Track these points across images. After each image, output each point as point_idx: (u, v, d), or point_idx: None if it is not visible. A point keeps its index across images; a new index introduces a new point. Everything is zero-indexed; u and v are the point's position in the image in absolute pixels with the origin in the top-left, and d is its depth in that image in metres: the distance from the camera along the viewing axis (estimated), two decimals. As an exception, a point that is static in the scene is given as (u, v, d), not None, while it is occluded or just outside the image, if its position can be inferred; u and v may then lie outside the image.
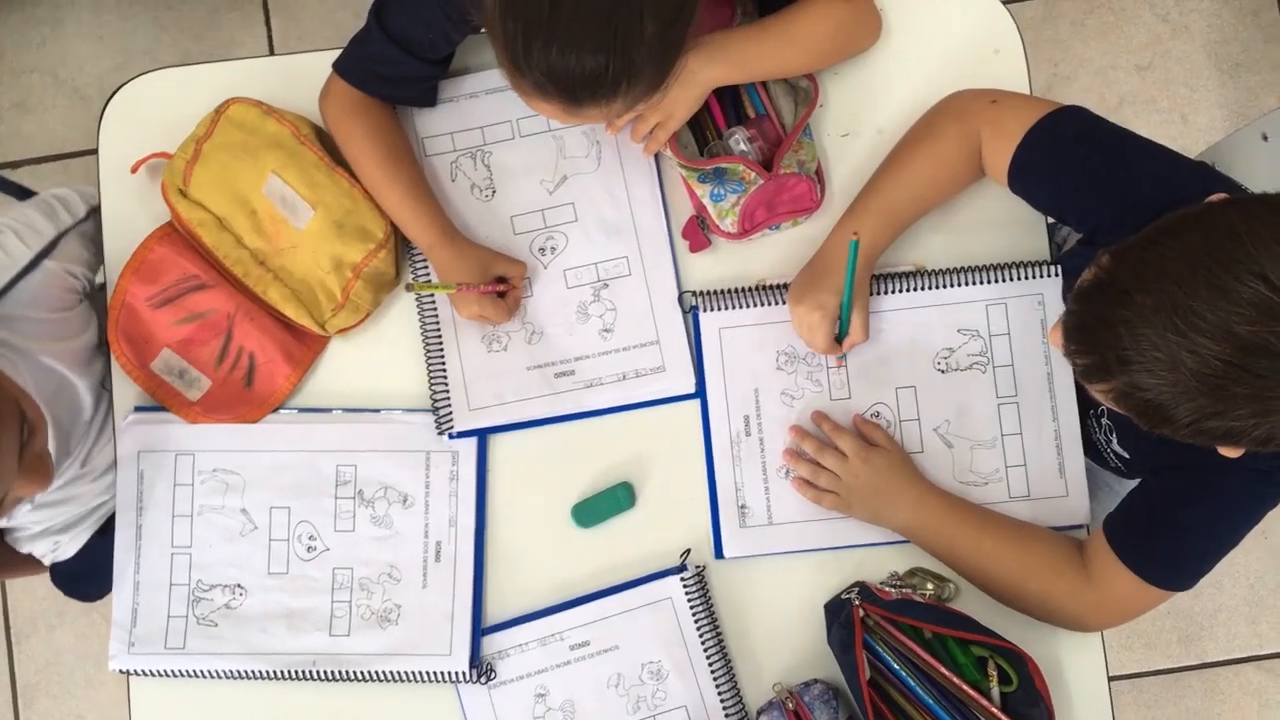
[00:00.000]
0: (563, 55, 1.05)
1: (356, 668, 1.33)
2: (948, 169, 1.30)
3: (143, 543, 1.37)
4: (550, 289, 1.38)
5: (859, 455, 1.31)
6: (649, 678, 1.33)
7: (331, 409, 1.38)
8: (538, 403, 1.36)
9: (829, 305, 1.28)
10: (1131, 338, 0.94)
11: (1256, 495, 1.16)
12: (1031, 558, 1.28)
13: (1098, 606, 1.26)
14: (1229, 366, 0.90)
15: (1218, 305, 0.90)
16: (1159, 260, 0.94)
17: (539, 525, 1.37)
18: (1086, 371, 1.00)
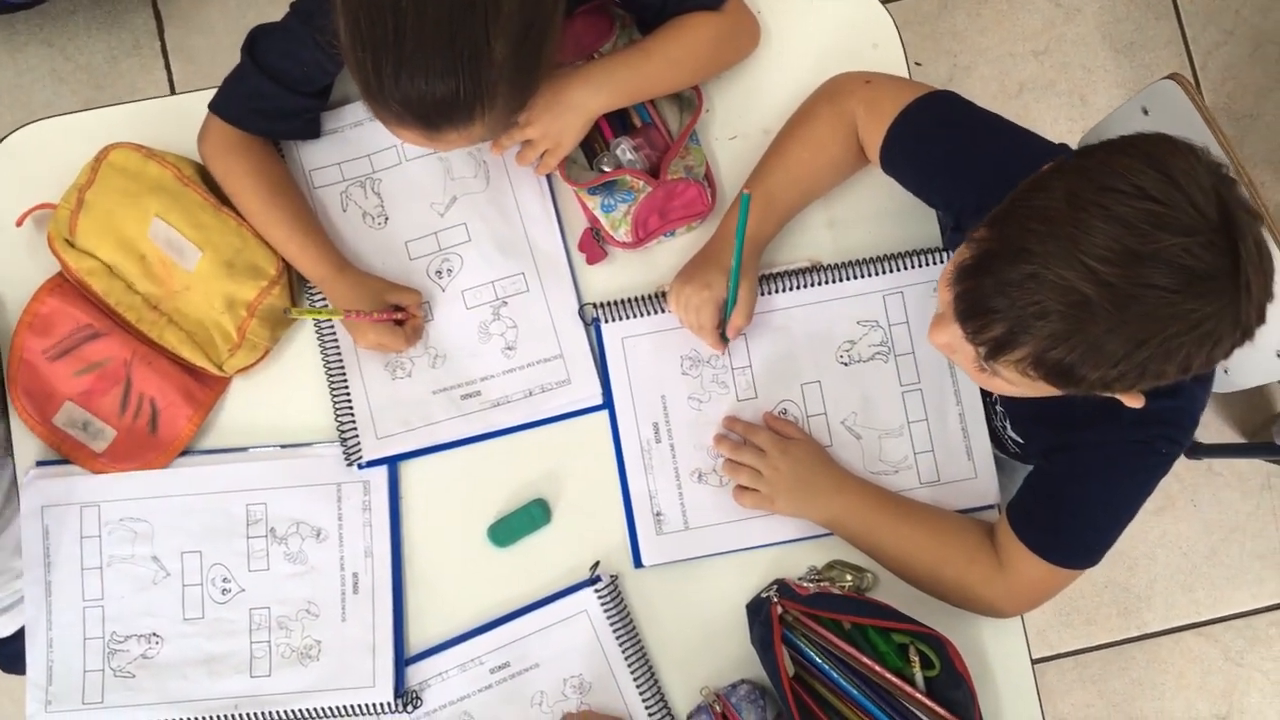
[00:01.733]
0: (413, 82, 1.05)
1: (280, 707, 1.31)
2: (825, 151, 1.31)
3: (53, 599, 1.34)
4: (450, 311, 1.38)
5: (777, 449, 1.31)
6: (572, 692, 1.32)
7: (238, 448, 1.36)
8: (446, 426, 1.36)
9: (715, 284, 1.29)
10: (1039, 286, 0.93)
11: (1142, 466, 1.18)
12: (946, 545, 1.29)
13: (1009, 592, 1.27)
14: (1136, 287, 0.90)
15: (1113, 231, 0.90)
16: (1042, 210, 0.94)
17: (456, 549, 1.36)
18: (996, 346, 0.98)
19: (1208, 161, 0.94)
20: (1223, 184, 0.92)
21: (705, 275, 1.30)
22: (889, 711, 1.27)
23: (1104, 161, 0.94)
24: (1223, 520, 2.30)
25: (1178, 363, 0.94)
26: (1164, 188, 0.90)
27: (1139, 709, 2.26)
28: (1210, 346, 0.93)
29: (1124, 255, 0.90)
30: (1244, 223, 0.90)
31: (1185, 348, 0.92)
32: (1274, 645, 2.27)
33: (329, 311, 1.31)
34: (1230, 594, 2.29)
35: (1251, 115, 2.39)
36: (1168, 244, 0.89)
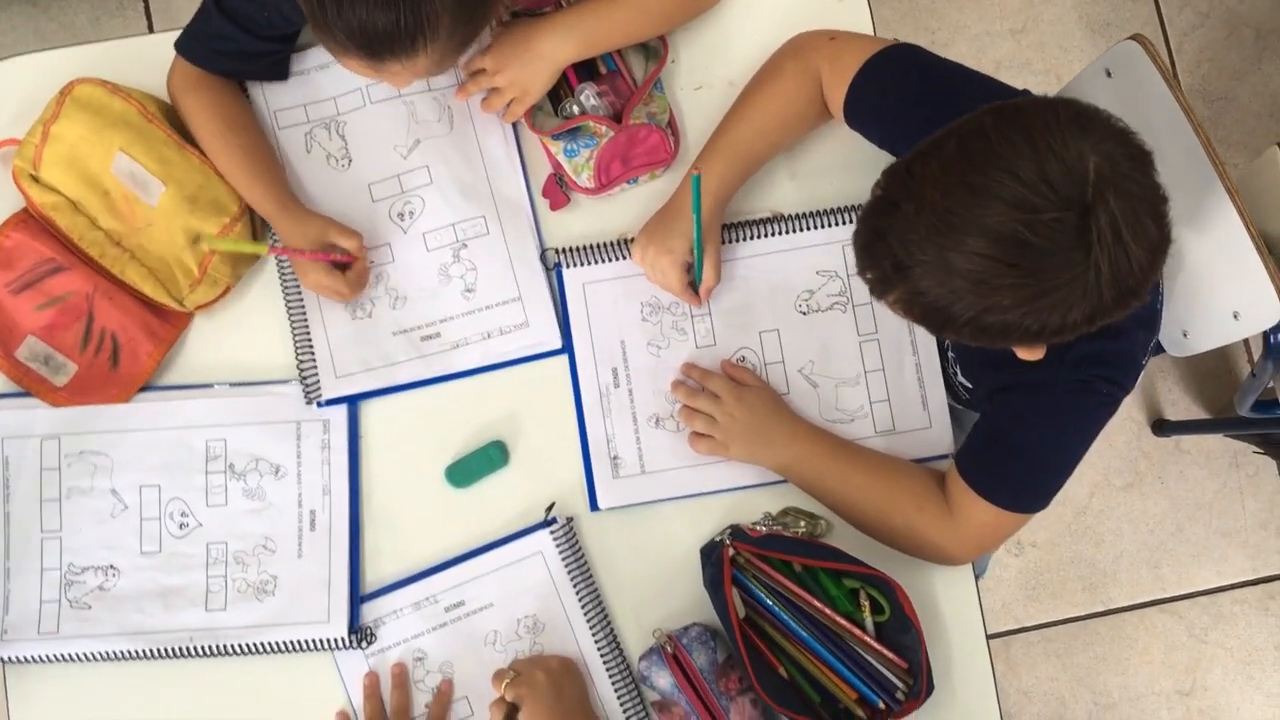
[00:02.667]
0: (354, 11, 1.07)
1: (235, 640, 1.32)
2: (790, 106, 1.32)
3: (11, 529, 1.35)
4: (411, 253, 1.39)
5: (732, 395, 1.33)
6: (525, 632, 1.33)
7: (198, 384, 1.37)
8: (405, 366, 1.37)
9: (677, 249, 1.30)
10: (902, 245, 0.98)
11: (1082, 406, 1.19)
12: (897, 492, 1.30)
13: (959, 537, 1.28)
14: (989, 261, 0.94)
15: (972, 204, 0.93)
16: (921, 170, 0.98)
17: (414, 489, 1.37)
18: (873, 286, 1.04)
19: (1103, 132, 0.95)
20: (1107, 160, 0.92)
21: (667, 240, 1.32)
22: (837, 654, 1.28)
23: (987, 129, 0.96)
24: (1189, 498, 2.32)
25: (1028, 327, 0.98)
26: (1028, 164, 0.92)
27: (1103, 683, 2.27)
28: (1062, 313, 0.96)
29: (977, 227, 0.93)
30: (1108, 204, 0.92)
31: (1031, 315, 0.96)
32: (1238, 623, 2.29)
33: (248, 245, 1.31)
34: (1196, 571, 2.31)
35: (1225, 98, 2.41)
36: (1018, 220, 0.92)
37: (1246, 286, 1.42)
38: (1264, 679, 2.28)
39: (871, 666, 1.28)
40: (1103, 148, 0.93)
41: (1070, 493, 2.25)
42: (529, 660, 1.28)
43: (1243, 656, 2.28)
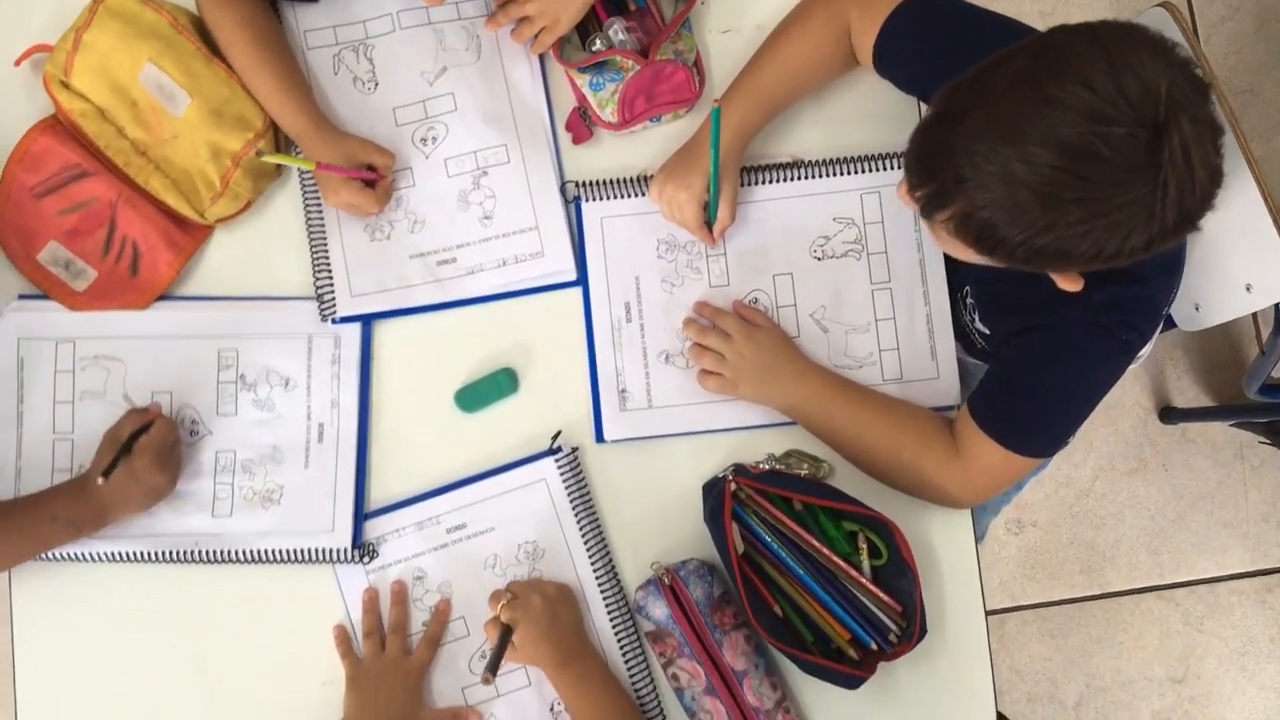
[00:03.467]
0: None
1: (240, 546, 1.33)
2: (817, 50, 1.33)
3: (24, 430, 1.36)
4: (431, 179, 1.40)
5: (742, 334, 1.33)
6: (525, 558, 1.34)
7: (214, 296, 1.38)
8: (420, 290, 1.38)
9: (695, 185, 1.31)
10: (966, 157, 0.97)
11: (1101, 352, 1.19)
12: (904, 432, 1.31)
13: (965, 479, 1.29)
14: (1057, 172, 0.93)
15: (1044, 114, 0.93)
16: (989, 82, 0.98)
17: (422, 410, 1.38)
18: (928, 202, 1.03)
19: (1172, 58, 0.95)
20: (1176, 84, 0.93)
21: (686, 176, 1.32)
22: (833, 594, 1.29)
23: (1061, 44, 0.97)
24: (1193, 487, 2.32)
25: (1084, 251, 0.97)
26: (1105, 78, 0.92)
27: (1095, 665, 2.28)
28: (1122, 236, 0.96)
29: (1047, 138, 0.93)
30: (1180, 125, 0.92)
31: (1095, 234, 0.96)
32: (1234, 613, 2.29)
33: (301, 160, 1.32)
34: (1195, 560, 2.31)
35: (1251, 91, 2.41)
36: (1091, 131, 0.92)
37: (1260, 259, 1.42)
38: (1257, 670, 2.28)
39: (866, 608, 1.29)
40: (1172, 72, 0.93)
41: (1073, 475, 2.26)
42: (527, 584, 1.29)
43: (1237, 647, 2.29)
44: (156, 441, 1.29)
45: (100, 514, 1.29)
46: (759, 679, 1.29)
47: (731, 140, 1.29)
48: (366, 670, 1.30)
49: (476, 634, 1.33)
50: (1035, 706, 2.27)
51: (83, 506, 1.28)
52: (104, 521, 1.30)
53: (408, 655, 1.31)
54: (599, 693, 1.26)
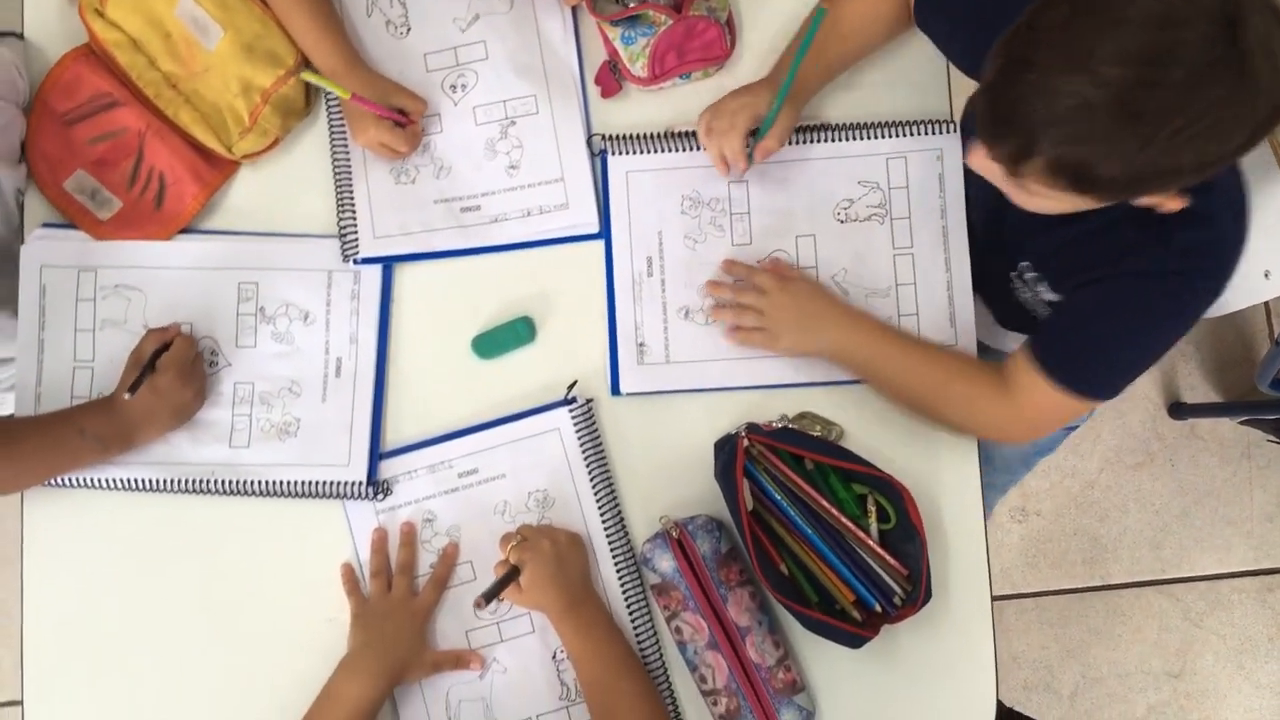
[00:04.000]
0: None
1: (255, 477, 1.34)
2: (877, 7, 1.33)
3: (44, 356, 1.37)
4: (459, 126, 1.40)
5: (777, 286, 1.33)
6: (535, 506, 1.35)
7: (237, 231, 1.39)
8: (443, 235, 1.38)
9: (761, 98, 1.29)
10: (1041, 98, 0.95)
11: (1176, 299, 1.17)
12: (950, 370, 1.31)
13: (1017, 416, 1.27)
14: (1136, 86, 0.91)
15: (1111, 34, 0.91)
16: (1047, 20, 0.96)
17: (439, 355, 1.39)
18: (1012, 158, 1.00)
19: None
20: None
21: (752, 90, 1.31)
22: (840, 554, 1.29)
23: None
24: (1198, 483, 2.32)
25: (1191, 157, 0.95)
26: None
27: (1093, 656, 2.28)
28: (1222, 136, 0.94)
29: (1122, 54, 0.91)
30: (1252, 14, 0.90)
31: (1195, 140, 0.93)
32: (1234, 611, 2.29)
33: (337, 85, 1.32)
34: (1197, 556, 2.31)
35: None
36: (1167, 38, 0.90)
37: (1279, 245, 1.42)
38: (1255, 669, 2.28)
39: (872, 570, 1.29)
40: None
41: (1079, 466, 2.26)
42: (538, 529, 1.30)
43: (1235, 645, 2.29)
44: (178, 357, 1.30)
45: (128, 433, 1.30)
46: (762, 636, 1.29)
47: (795, 85, 1.27)
48: (373, 608, 1.31)
49: (484, 578, 1.34)
50: (1030, 694, 2.27)
51: (110, 424, 1.29)
52: (131, 441, 1.30)
53: (414, 596, 1.32)
54: (602, 641, 1.27)
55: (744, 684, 1.27)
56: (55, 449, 1.28)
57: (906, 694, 1.34)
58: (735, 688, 1.27)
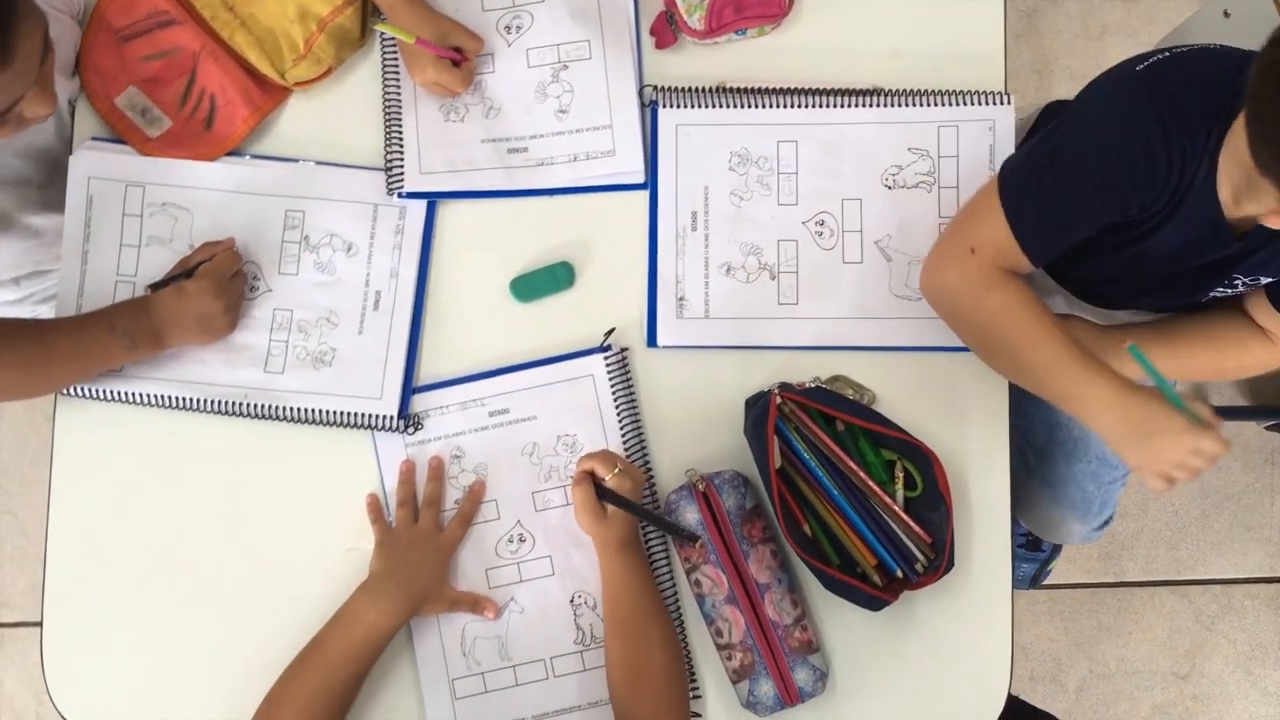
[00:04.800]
0: None
1: (288, 404, 1.35)
2: None
3: (88, 267, 1.38)
4: (511, 67, 1.40)
5: None
6: (564, 450, 1.35)
7: (284, 158, 1.39)
8: (488, 174, 1.38)
9: (1178, 420, 1.14)
10: None
11: None
12: (1215, 342, 1.35)
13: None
14: None
15: None
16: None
17: (477, 294, 1.39)
18: None
19: None
20: None
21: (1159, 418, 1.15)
22: (864, 517, 1.29)
23: None
24: (1220, 486, 2.31)
25: None
26: None
27: (1101, 652, 2.28)
28: None
29: None
30: None
31: None
32: (1246, 616, 2.28)
33: (403, 31, 1.32)
34: (1214, 559, 2.30)
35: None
36: None
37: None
38: (1263, 675, 2.28)
39: (895, 535, 1.29)
40: None
41: (1102, 461, 2.24)
42: (630, 464, 1.30)
43: (1245, 650, 2.28)
44: (216, 268, 1.31)
45: (156, 334, 1.30)
46: (781, 594, 1.29)
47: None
48: (397, 538, 1.31)
49: (507, 517, 1.34)
50: (1036, 685, 2.27)
51: (140, 321, 1.29)
52: (160, 343, 1.31)
53: (439, 531, 1.32)
54: (641, 584, 1.27)
55: (760, 640, 1.27)
56: (86, 346, 1.28)
57: (920, 664, 1.34)
58: (751, 643, 1.27)
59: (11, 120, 1.13)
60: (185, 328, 1.31)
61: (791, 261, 1.38)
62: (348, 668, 1.23)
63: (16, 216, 1.40)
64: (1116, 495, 1.71)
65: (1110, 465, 1.64)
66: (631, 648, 1.25)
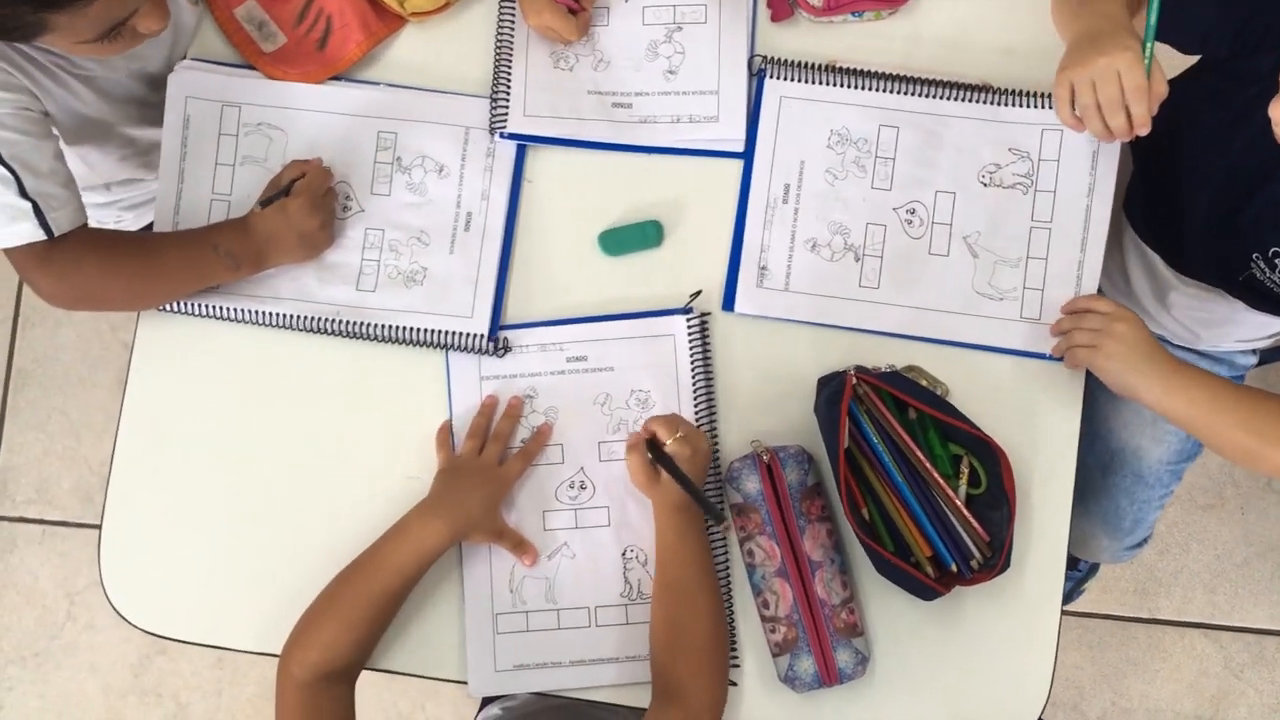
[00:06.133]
0: None
1: (380, 321, 1.36)
2: None
3: (184, 185, 1.40)
4: (626, 22, 1.41)
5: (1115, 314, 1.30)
6: (635, 404, 1.36)
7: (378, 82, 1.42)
8: (590, 125, 1.39)
9: (1134, 46, 1.17)
10: None
11: None
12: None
13: None
14: None
15: None
16: None
17: (566, 242, 1.40)
18: None
19: None
20: None
21: (1116, 40, 1.17)
22: (926, 507, 1.29)
23: None
24: (1266, 536, 2.29)
25: None
26: None
27: (1126, 687, 2.26)
28: None
29: None
30: None
31: None
32: (1276, 669, 2.26)
33: None
34: (1250, 608, 2.28)
35: None
36: None
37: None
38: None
39: (954, 529, 1.29)
40: None
41: (1150, 496, 2.22)
42: (692, 428, 1.30)
43: (1273, 703, 2.26)
44: (311, 184, 1.33)
45: (258, 253, 1.32)
46: (832, 574, 1.30)
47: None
48: (460, 464, 1.33)
49: (570, 462, 1.35)
50: (1056, 712, 2.26)
51: (242, 241, 1.31)
52: (261, 262, 1.33)
53: (500, 464, 1.33)
54: (695, 548, 1.27)
55: (806, 617, 1.28)
56: (191, 263, 1.31)
57: (961, 662, 1.34)
58: (797, 619, 1.28)
59: (125, 34, 1.16)
60: (286, 246, 1.33)
61: (878, 246, 1.38)
62: (394, 577, 1.25)
63: (117, 128, 1.44)
64: (1152, 518, 1.70)
65: (1147, 484, 1.63)
66: (676, 611, 1.25)
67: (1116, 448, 1.61)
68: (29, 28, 1.09)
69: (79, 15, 1.08)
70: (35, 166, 1.18)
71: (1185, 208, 1.37)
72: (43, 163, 1.20)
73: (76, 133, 1.36)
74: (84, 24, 1.10)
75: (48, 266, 1.23)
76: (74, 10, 1.07)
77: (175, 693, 2.27)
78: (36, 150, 1.19)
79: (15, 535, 2.31)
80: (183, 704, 2.26)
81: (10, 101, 1.18)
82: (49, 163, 1.21)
